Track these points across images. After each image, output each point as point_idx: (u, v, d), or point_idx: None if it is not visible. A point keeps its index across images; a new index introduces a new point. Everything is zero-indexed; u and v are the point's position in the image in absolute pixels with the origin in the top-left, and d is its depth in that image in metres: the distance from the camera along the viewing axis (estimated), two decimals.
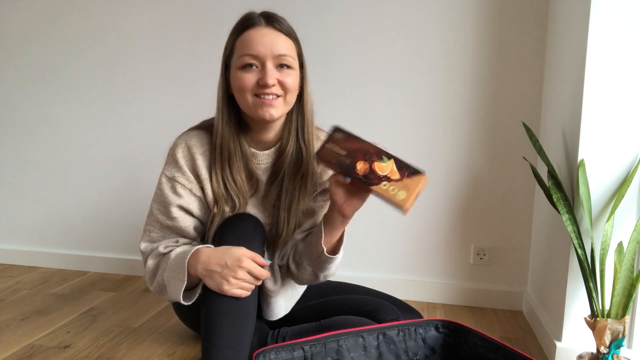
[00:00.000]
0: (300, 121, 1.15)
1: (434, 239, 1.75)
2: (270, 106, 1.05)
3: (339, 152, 1.02)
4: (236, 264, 1.00)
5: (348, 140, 1.03)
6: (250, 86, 1.05)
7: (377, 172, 0.99)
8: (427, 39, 1.68)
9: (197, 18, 1.83)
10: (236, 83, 1.06)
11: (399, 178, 0.98)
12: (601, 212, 1.20)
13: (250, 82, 1.04)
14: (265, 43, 1.04)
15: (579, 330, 1.25)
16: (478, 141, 1.68)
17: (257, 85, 1.05)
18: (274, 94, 1.05)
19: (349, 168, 1.00)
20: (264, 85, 1.04)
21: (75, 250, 2.04)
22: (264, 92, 1.04)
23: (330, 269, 1.15)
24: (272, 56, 1.05)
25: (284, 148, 1.14)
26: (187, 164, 1.12)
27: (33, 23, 1.97)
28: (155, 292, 1.13)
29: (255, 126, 1.13)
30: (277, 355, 1.02)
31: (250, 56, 1.04)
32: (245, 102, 1.07)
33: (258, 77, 1.04)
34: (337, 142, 1.03)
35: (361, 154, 1.00)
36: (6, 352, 1.30)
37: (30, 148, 2.03)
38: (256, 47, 1.04)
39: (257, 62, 1.05)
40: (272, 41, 1.05)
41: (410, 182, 0.97)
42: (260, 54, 1.04)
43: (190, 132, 1.16)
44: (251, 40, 1.05)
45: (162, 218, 1.13)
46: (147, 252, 1.14)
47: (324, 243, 1.09)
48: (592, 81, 1.19)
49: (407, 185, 0.97)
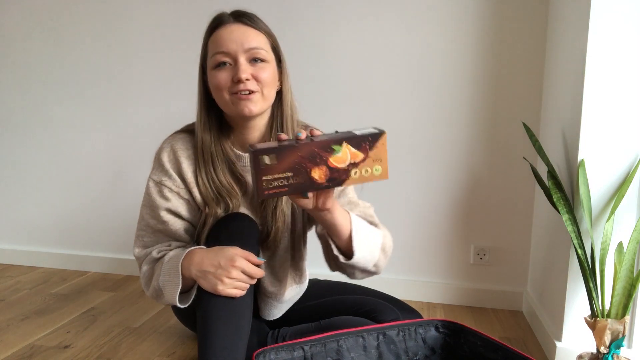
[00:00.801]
0: (279, 117, 1.14)
1: (434, 239, 1.75)
2: (248, 100, 1.04)
3: (282, 175, 0.84)
4: (229, 264, 0.99)
5: (281, 157, 0.84)
6: (225, 84, 1.04)
7: (339, 166, 0.86)
8: (427, 39, 1.68)
9: (195, 21, 1.83)
10: (212, 83, 1.06)
11: (364, 157, 0.86)
12: (601, 212, 1.20)
13: (225, 79, 1.04)
14: (235, 39, 1.04)
15: (579, 330, 1.25)
16: (478, 141, 1.68)
17: (232, 82, 1.04)
18: (249, 89, 1.04)
19: (307, 185, 0.86)
20: (238, 81, 1.03)
21: (75, 250, 2.04)
22: (239, 89, 1.03)
23: (358, 267, 1.09)
24: (244, 50, 1.04)
25: None
26: (172, 167, 1.12)
27: (32, 24, 1.97)
28: (151, 297, 1.13)
29: (238, 126, 1.13)
30: (277, 355, 1.02)
31: (222, 54, 1.04)
32: (223, 101, 1.06)
33: (232, 74, 1.04)
34: (272, 167, 0.84)
35: (308, 161, 0.84)
36: (6, 352, 1.30)
37: (30, 148, 2.04)
38: (226, 44, 1.04)
39: (229, 59, 1.04)
40: (241, 35, 1.04)
41: (378, 152, 0.86)
42: (231, 50, 1.04)
43: (176, 136, 1.16)
44: (221, 37, 1.05)
45: (152, 222, 1.13)
46: (142, 258, 1.14)
47: (339, 242, 1.06)
48: (592, 81, 1.19)
49: (377, 156, 0.86)
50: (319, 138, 0.86)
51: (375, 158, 0.86)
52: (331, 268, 1.15)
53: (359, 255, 1.05)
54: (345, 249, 1.07)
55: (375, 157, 0.86)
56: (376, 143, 0.85)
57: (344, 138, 0.85)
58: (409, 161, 1.73)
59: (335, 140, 0.85)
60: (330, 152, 0.85)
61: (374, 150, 0.86)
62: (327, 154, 0.85)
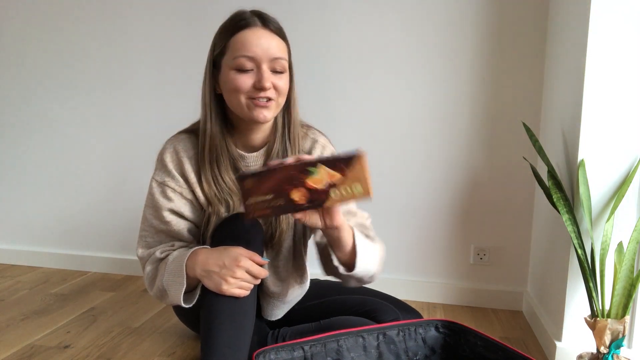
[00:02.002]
0: (287, 120, 1.15)
1: (434, 239, 1.75)
2: (265, 108, 1.05)
3: (264, 198, 0.89)
4: (234, 264, 0.99)
5: (261, 180, 0.88)
6: (246, 88, 1.04)
7: (317, 187, 0.88)
8: (427, 39, 1.68)
9: (196, 23, 1.83)
10: (230, 84, 1.05)
11: (341, 177, 0.87)
12: (601, 212, 1.20)
13: (247, 84, 1.03)
14: (262, 45, 1.03)
15: (579, 330, 1.25)
16: (478, 141, 1.68)
17: (252, 88, 1.04)
18: (268, 97, 1.05)
19: (288, 206, 0.89)
20: (261, 89, 1.03)
21: (75, 250, 2.04)
22: (259, 96, 1.04)
23: (356, 278, 1.11)
24: (268, 59, 1.04)
25: (271, 149, 1.14)
26: (175, 168, 1.12)
27: (33, 25, 1.97)
28: (155, 298, 1.13)
29: (244, 128, 1.13)
30: (277, 355, 1.02)
31: (247, 58, 1.03)
32: (238, 104, 1.06)
33: (254, 80, 1.03)
34: (254, 191, 0.89)
35: (286, 183, 0.88)
36: (6, 352, 1.30)
37: (31, 149, 2.04)
38: (253, 49, 1.03)
39: (252, 65, 1.04)
40: (268, 43, 1.04)
41: (356, 172, 0.87)
42: (257, 56, 1.03)
43: (179, 136, 1.16)
44: (248, 41, 1.03)
45: (155, 223, 1.13)
46: (145, 258, 1.14)
47: (340, 255, 1.07)
48: (592, 81, 1.19)
49: (356, 176, 0.87)
50: (292, 161, 0.89)
51: (354, 178, 0.87)
52: (326, 272, 1.16)
53: (359, 269, 1.07)
54: (345, 261, 1.08)
55: (354, 177, 0.87)
56: (353, 163, 0.86)
57: (319, 160, 0.87)
58: (409, 161, 1.73)
59: (311, 162, 0.87)
60: (307, 173, 0.87)
61: (352, 171, 0.87)
62: (303, 176, 0.87)
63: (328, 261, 1.11)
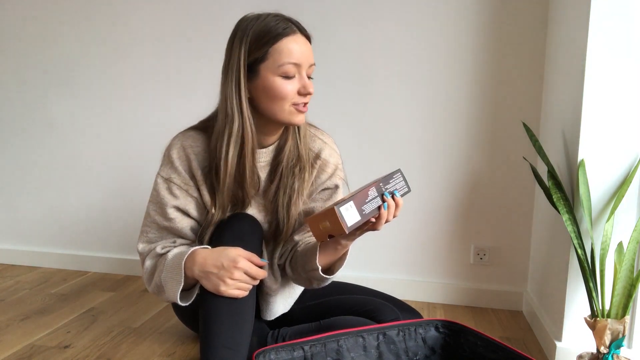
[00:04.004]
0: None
1: (434, 239, 1.75)
2: (303, 113, 1.09)
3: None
4: (232, 265, 1.00)
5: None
6: (291, 94, 1.05)
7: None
8: (427, 39, 1.68)
9: (198, 21, 1.83)
10: (275, 91, 1.04)
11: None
12: (601, 212, 1.20)
13: (292, 90, 1.05)
14: (305, 52, 1.06)
15: (579, 330, 1.25)
16: (478, 141, 1.68)
17: (297, 94, 1.06)
18: (306, 102, 1.08)
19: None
20: (307, 94, 1.06)
21: (75, 250, 2.04)
22: (303, 102, 1.07)
23: (326, 282, 1.15)
24: (308, 65, 1.07)
25: (282, 145, 1.15)
26: (182, 165, 1.12)
27: (34, 25, 1.97)
28: (153, 293, 1.13)
29: (266, 129, 1.13)
30: (277, 355, 1.02)
31: (294, 65, 1.04)
32: (280, 109, 1.06)
33: (298, 86, 1.06)
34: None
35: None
36: (6, 352, 1.30)
37: (31, 148, 2.04)
38: (298, 56, 1.04)
39: (296, 71, 1.05)
40: (308, 51, 1.07)
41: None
42: (301, 63, 1.05)
43: (186, 133, 1.15)
44: (293, 48, 1.04)
45: (159, 219, 1.13)
46: (145, 253, 1.14)
47: (320, 261, 1.09)
48: (592, 81, 1.19)
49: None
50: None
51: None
52: (292, 270, 1.18)
53: (337, 275, 1.14)
54: (326, 265, 1.12)
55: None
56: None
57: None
58: (408, 161, 1.73)
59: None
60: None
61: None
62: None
63: (306, 259, 1.11)
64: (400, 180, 1.07)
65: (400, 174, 1.08)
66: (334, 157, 1.22)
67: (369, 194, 0.98)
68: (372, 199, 0.98)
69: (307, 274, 1.12)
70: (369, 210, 0.97)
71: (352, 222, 0.94)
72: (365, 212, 0.96)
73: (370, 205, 0.98)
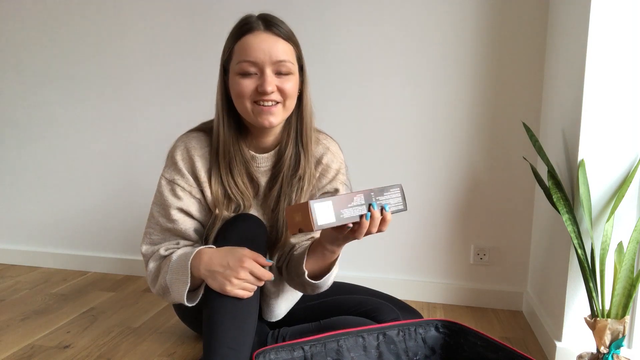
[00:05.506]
0: (299, 124, 1.14)
1: (434, 239, 1.75)
2: (270, 113, 1.05)
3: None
4: (238, 265, 1.00)
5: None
6: (248, 93, 1.04)
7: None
8: (427, 39, 1.68)
9: (199, 22, 1.83)
10: (234, 89, 1.06)
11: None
12: (601, 212, 1.20)
13: (249, 88, 1.04)
14: (264, 49, 1.03)
15: (579, 330, 1.25)
16: (478, 141, 1.68)
17: (255, 92, 1.04)
18: (273, 101, 1.05)
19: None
20: (262, 93, 1.03)
21: (75, 250, 2.04)
22: (262, 99, 1.04)
23: (318, 288, 1.14)
24: (271, 62, 1.03)
25: (282, 151, 1.14)
26: (186, 166, 1.12)
27: (35, 25, 1.97)
28: (158, 295, 1.13)
29: (255, 130, 1.13)
30: (277, 355, 1.02)
31: (249, 63, 1.03)
32: (244, 109, 1.06)
33: (257, 84, 1.04)
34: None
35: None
36: (6, 352, 1.30)
37: (31, 149, 2.04)
38: (255, 54, 1.03)
39: (255, 69, 1.04)
40: (270, 47, 1.03)
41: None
42: (259, 61, 1.03)
43: (190, 134, 1.15)
44: (250, 46, 1.03)
45: (162, 221, 1.13)
46: (149, 255, 1.14)
47: (308, 267, 1.08)
48: (592, 81, 1.19)
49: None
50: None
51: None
52: (280, 270, 1.18)
53: (323, 282, 1.12)
54: (314, 270, 1.10)
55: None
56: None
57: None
58: (408, 161, 1.73)
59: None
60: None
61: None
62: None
63: (296, 263, 1.11)
64: (397, 196, 1.01)
65: (400, 190, 1.02)
66: (336, 162, 1.21)
67: (353, 199, 0.94)
68: (356, 205, 0.94)
69: (299, 278, 1.12)
70: (348, 216, 0.92)
71: (323, 221, 0.89)
72: (343, 216, 0.91)
73: (352, 211, 0.93)
